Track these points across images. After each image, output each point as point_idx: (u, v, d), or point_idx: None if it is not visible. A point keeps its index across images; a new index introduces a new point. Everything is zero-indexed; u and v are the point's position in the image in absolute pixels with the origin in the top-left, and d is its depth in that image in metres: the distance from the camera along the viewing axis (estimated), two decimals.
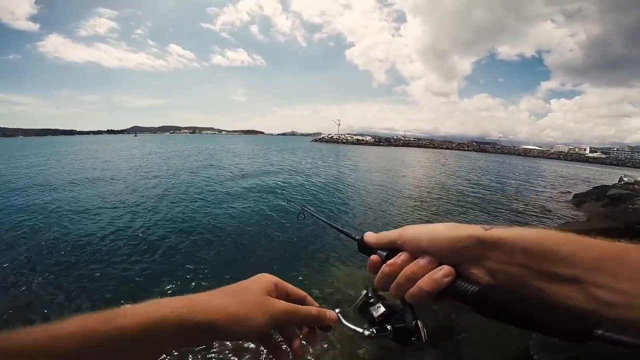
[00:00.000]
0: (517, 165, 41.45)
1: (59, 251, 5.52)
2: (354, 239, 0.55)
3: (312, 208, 0.78)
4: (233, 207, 8.36)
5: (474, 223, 0.40)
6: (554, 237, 0.36)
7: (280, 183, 13.34)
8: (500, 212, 10.42)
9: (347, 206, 9.77)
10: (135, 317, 0.35)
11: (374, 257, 0.49)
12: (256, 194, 10.15)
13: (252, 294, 0.44)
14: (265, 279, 0.48)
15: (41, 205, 8.61)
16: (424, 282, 0.41)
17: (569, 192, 16.11)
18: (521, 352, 3.12)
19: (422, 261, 0.43)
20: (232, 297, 0.43)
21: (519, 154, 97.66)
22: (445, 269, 0.41)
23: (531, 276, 0.36)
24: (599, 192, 13.78)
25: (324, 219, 0.70)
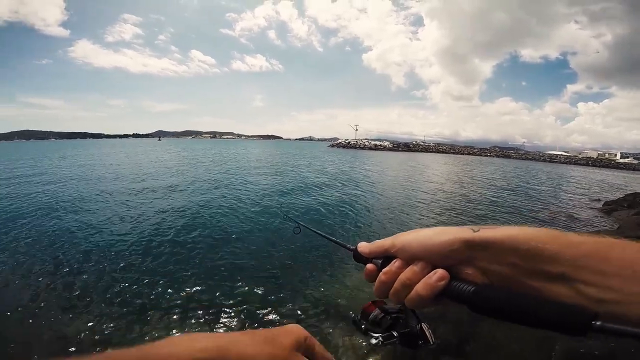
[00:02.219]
0: (543, 171, 40.19)
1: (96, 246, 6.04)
2: (349, 249, 0.55)
3: (307, 222, 0.82)
4: (239, 219, 8.30)
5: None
6: (540, 235, 0.36)
7: (293, 190, 13.61)
8: (525, 220, 10.28)
9: (372, 214, 9.93)
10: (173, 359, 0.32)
11: (369, 266, 0.50)
12: (261, 207, 9.83)
13: (284, 347, 0.41)
14: (297, 332, 0.45)
15: (81, 205, 9.34)
16: (420, 287, 0.42)
17: (599, 199, 15.66)
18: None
19: (415, 267, 0.44)
20: (265, 346, 0.40)
21: (545, 160, 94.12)
22: (439, 272, 0.42)
23: (522, 274, 0.37)
24: (632, 200, 13.37)
25: (319, 232, 0.71)
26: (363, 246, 0.51)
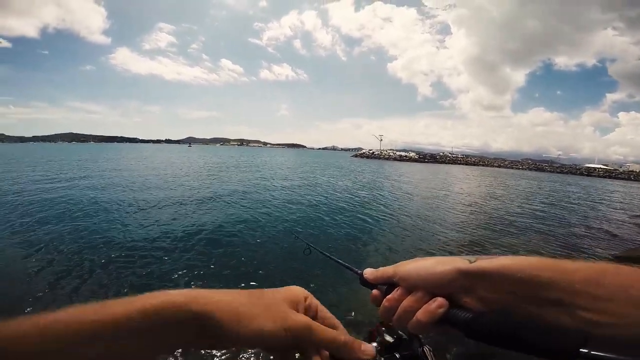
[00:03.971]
0: (580, 185, 38.21)
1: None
2: (356, 273, 0.58)
3: (318, 242, 0.93)
4: (248, 232, 8.19)
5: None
6: (534, 263, 0.38)
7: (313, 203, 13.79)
8: (557, 237, 9.94)
9: (389, 233, 9.98)
10: (131, 305, 0.33)
11: (375, 292, 0.53)
12: (275, 220, 9.57)
13: (269, 299, 0.41)
14: (294, 291, 0.46)
15: (121, 206, 10.09)
16: (420, 314, 0.44)
17: None
18: None
19: (416, 296, 0.46)
20: (243, 297, 0.40)
21: (582, 173, 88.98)
22: (438, 300, 0.43)
23: (519, 301, 0.38)
24: None
25: (329, 255, 0.73)
26: (368, 272, 0.54)
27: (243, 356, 3.29)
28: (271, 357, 0.41)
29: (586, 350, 0.30)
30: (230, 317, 0.36)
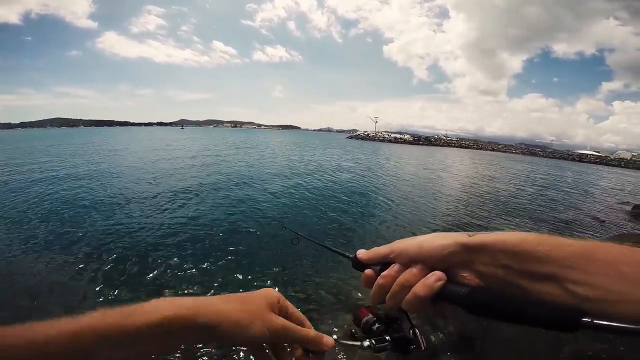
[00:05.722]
0: (570, 170, 38.76)
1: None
2: (347, 257, 0.56)
3: (305, 232, 0.85)
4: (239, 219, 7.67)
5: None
6: (530, 238, 0.39)
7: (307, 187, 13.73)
8: (547, 221, 10.15)
9: (380, 216, 9.97)
10: (154, 315, 0.38)
11: (368, 271, 0.51)
12: (262, 210, 8.72)
13: (256, 305, 0.47)
14: (270, 294, 0.51)
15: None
16: (418, 288, 0.43)
17: (628, 202, 15.15)
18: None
19: (414, 269, 0.45)
20: (237, 304, 0.46)
21: (574, 159, 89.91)
22: (436, 274, 0.43)
23: (514, 275, 0.39)
24: None
25: (317, 241, 0.73)
26: (362, 253, 0.53)
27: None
28: (267, 351, 0.50)
29: (588, 320, 0.30)
30: (231, 325, 0.43)
